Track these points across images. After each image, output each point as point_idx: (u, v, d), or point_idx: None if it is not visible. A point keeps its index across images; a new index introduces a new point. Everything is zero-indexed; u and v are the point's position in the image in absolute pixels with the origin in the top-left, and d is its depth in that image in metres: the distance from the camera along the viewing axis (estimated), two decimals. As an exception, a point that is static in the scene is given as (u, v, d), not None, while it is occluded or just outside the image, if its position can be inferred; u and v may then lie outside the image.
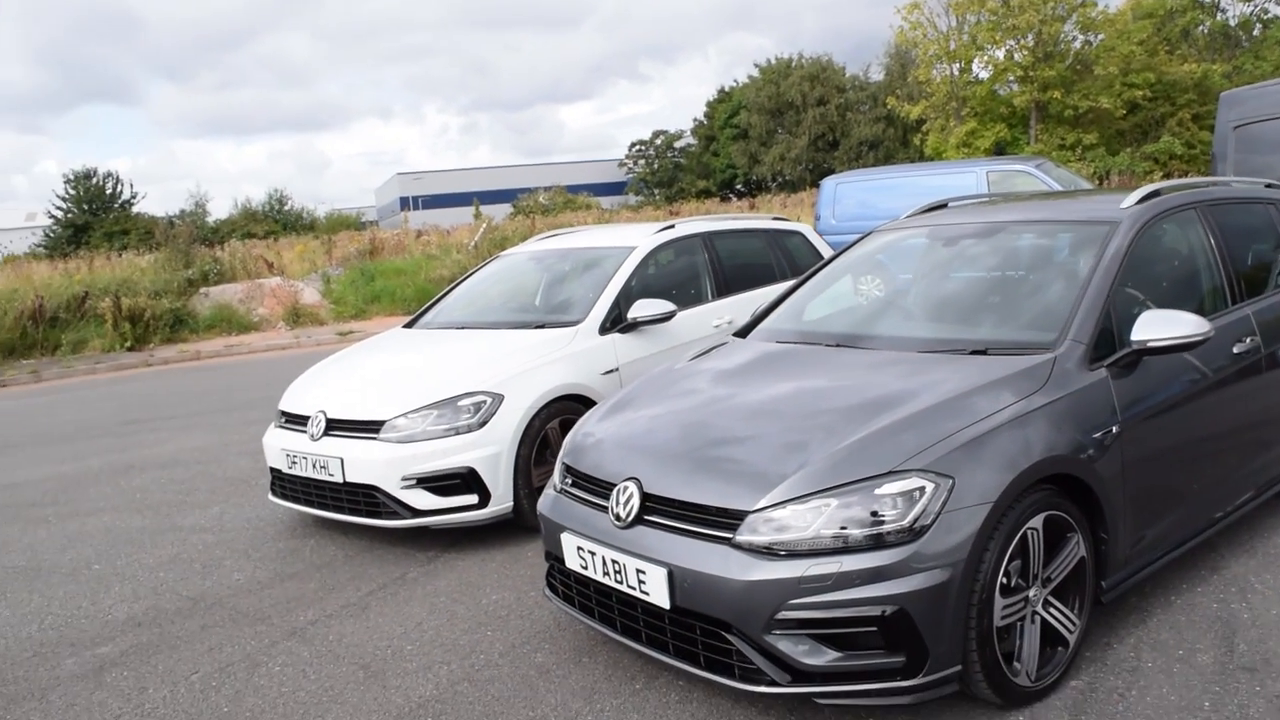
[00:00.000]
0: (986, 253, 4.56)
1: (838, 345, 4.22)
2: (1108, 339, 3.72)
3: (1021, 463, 3.18)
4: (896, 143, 53.62)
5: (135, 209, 56.59)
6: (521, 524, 5.38)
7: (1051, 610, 3.38)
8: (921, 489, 3.03)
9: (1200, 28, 39.82)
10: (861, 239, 5.20)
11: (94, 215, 54.97)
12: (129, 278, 19.60)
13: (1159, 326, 3.62)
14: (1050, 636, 3.40)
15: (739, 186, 62.44)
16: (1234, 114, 11.90)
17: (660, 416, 3.90)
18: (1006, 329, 3.98)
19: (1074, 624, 3.46)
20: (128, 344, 17.11)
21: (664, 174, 67.46)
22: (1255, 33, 40.04)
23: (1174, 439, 3.89)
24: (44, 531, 6.46)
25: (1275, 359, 4.41)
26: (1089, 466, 3.42)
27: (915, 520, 2.99)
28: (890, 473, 3.06)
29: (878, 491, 3.04)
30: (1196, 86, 35.26)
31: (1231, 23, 40.64)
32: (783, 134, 58.09)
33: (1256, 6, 39.25)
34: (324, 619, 4.62)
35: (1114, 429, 3.52)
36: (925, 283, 4.80)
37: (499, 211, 46.73)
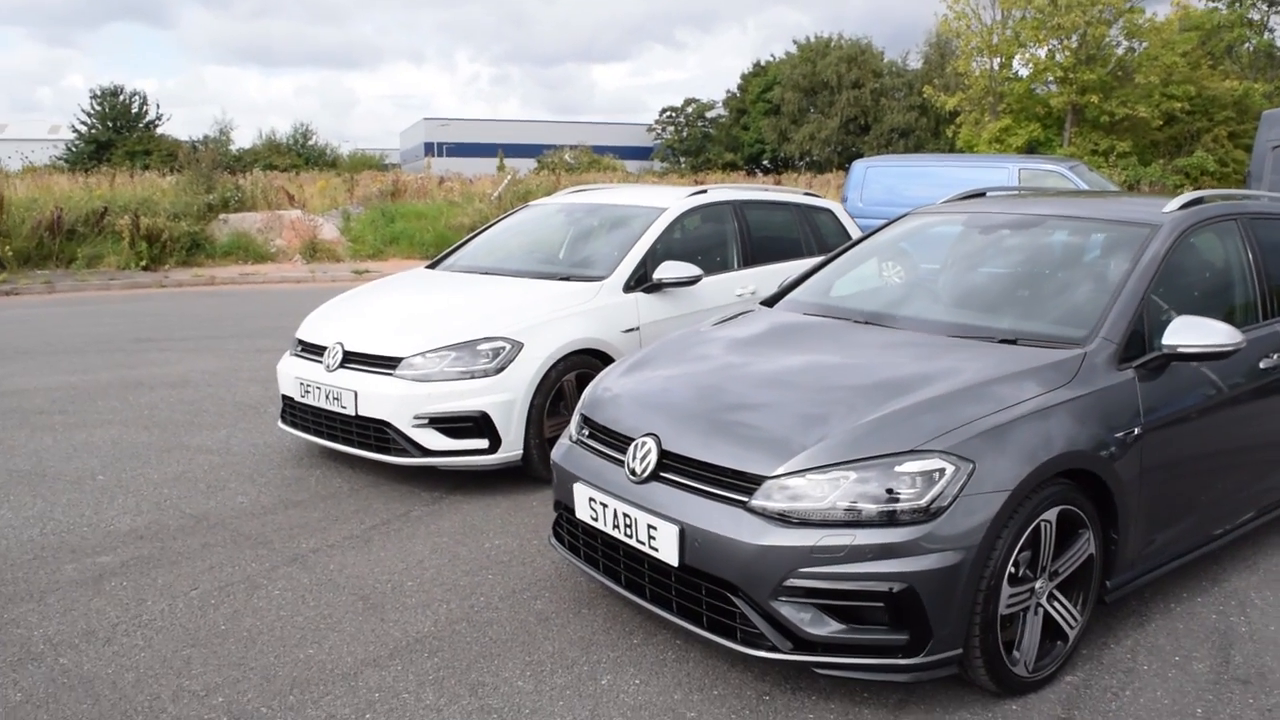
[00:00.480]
0: (1022, 245, 4.52)
1: (865, 323, 4.20)
2: (1138, 341, 3.69)
3: (1042, 454, 3.16)
4: (928, 133, 53.23)
5: (159, 130, 56.38)
6: (530, 473, 5.39)
7: (1055, 604, 3.37)
8: (942, 470, 3.02)
9: (1246, 45, 39.35)
10: (897, 219, 5.16)
11: (117, 133, 54.73)
12: (149, 197, 19.54)
13: (1192, 333, 3.59)
14: (1051, 630, 3.39)
15: (765, 162, 62.09)
16: (1275, 134, 11.80)
17: (686, 377, 3.88)
18: (1038, 321, 3.94)
19: (1075, 619, 3.45)
20: (143, 263, 17.09)
21: (692, 143, 67.07)
22: (1301, 52, 39.61)
23: (1192, 448, 3.87)
24: (50, 439, 6.49)
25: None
26: (1108, 465, 3.40)
27: (933, 501, 2.98)
28: (912, 451, 3.05)
29: (898, 469, 3.02)
30: (1236, 104, 34.90)
31: (1278, 43, 40.17)
32: (815, 114, 57.67)
33: None
34: (326, 548, 4.63)
35: (1136, 430, 3.50)
36: (958, 269, 4.76)
37: (523, 166, 46.56)
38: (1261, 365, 4.17)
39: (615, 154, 55.24)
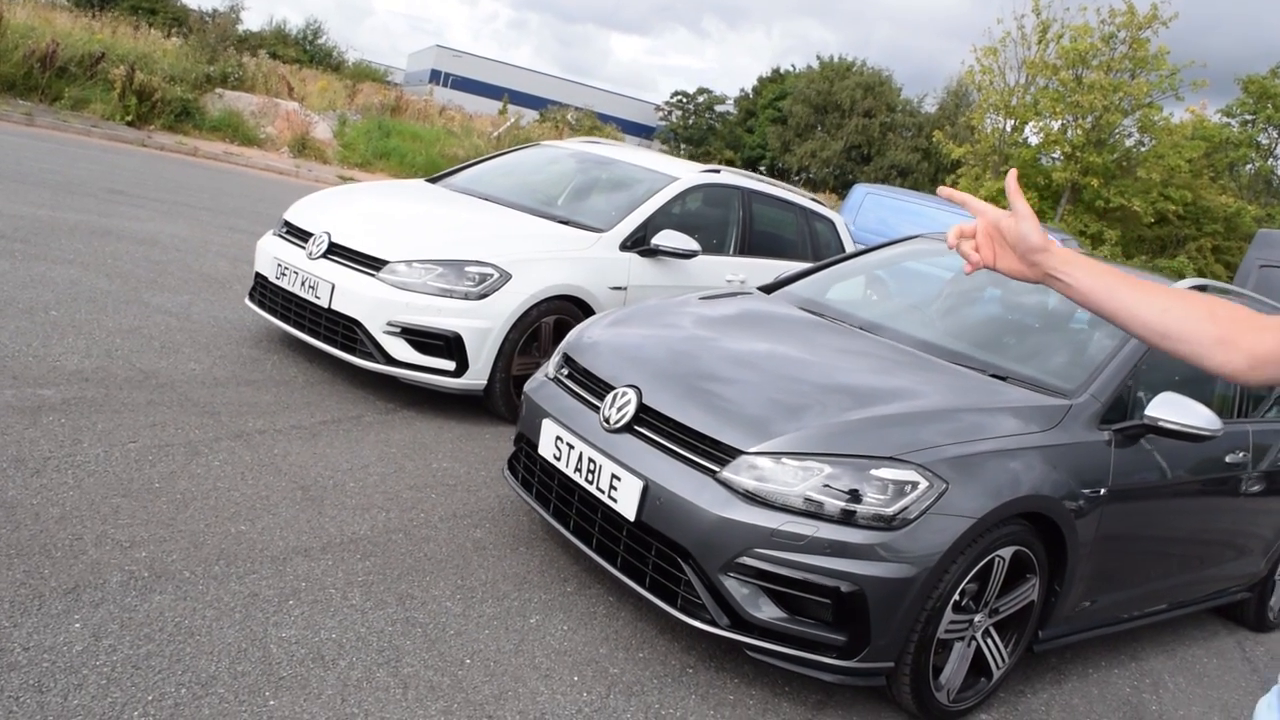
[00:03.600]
0: (1031, 289, 4.54)
1: (861, 329, 4.18)
2: (1120, 406, 3.72)
3: (1010, 491, 3.16)
4: (926, 177, 53.48)
5: (170, -8, 55.03)
6: (489, 405, 5.32)
7: (989, 640, 3.39)
8: (915, 483, 3.01)
9: (1249, 166, 40.01)
10: (906, 239, 5.15)
11: (128, -16, 53.37)
12: (149, 53, 19.02)
13: (1174, 409, 3.61)
14: (979, 665, 3.41)
15: (762, 168, 62.12)
16: (1265, 254, 11.99)
17: (678, 340, 3.85)
18: (1032, 365, 3.95)
19: (1004, 660, 3.47)
20: (129, 119, 16.64)
21: (696, 132, 66.85)
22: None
23: (1146, 521, 3.92)
24: (7, 264, 6.29)
25: (1255, 482, 4.44)
26: (1070, 517, 3.41)
27: (899, 511, 2.97)
28: (891, 458, 3.04)
29: (873, 472, 3.01)
30: (1227, 220, 35.44)
31: (1279, 171, 40.89)
32: (821, 132, 57.75)
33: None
34: (272, 431, 4.54)
35: (1103, 490, 3.52)
36: (961, 300, 4.76)
37: (526, 115, 46.15)
38: (1228, 460, 4.23)
39: (619, 126, 54.95)
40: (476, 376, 5.16)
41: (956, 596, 3.15)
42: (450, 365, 5.12)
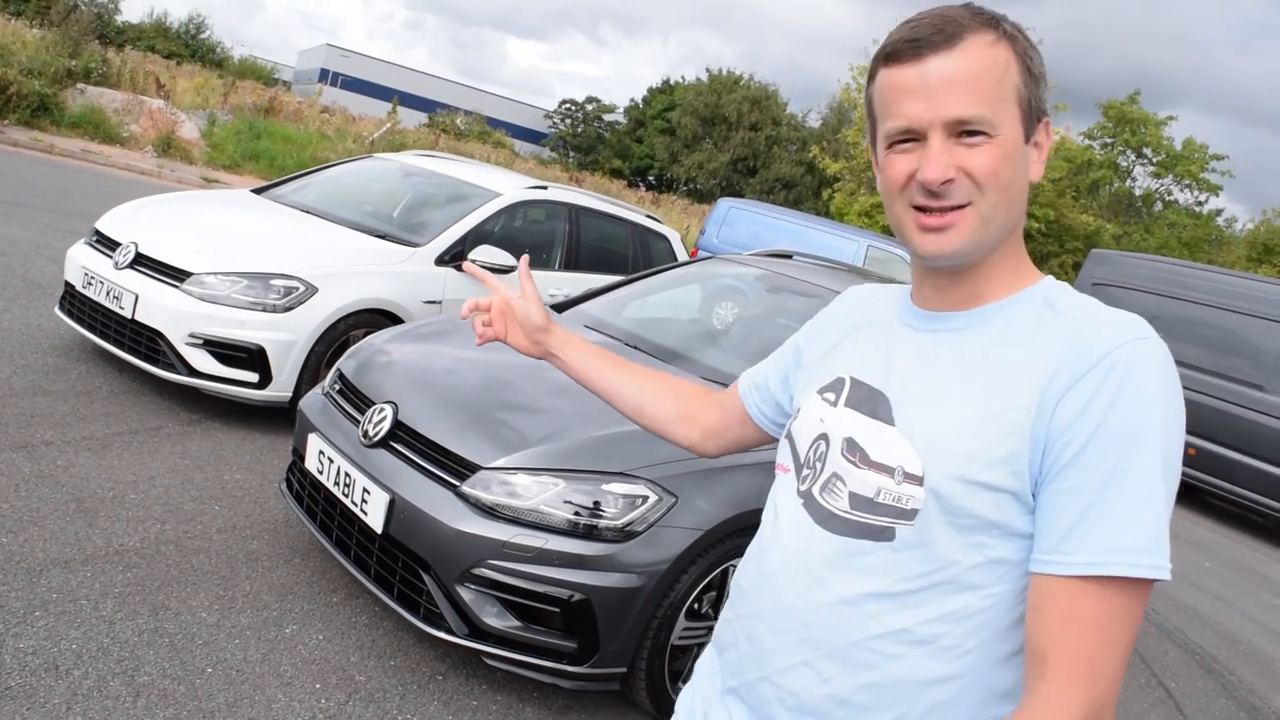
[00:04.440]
0: (798, 310, 4.78)
1: (634, 347, 4.37)
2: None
3: (741, 504, 3.35)
4: (810, 190, 54.60)
5: (43, -21, 52.99)
6: (294, 417, 5.37)
7: (731, 646, 3.59)
8: (645, 497, 3.19)
9: (1109, 186, 41.88)
10: (701, 260, 5.38)
11: (-5, -31, 51.24)
12: (7, 45, 18.39)
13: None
14: (722, 669, 3.60)
15: (651, 178, 62.64)
16: (1098, 272, 12.60)
17: (443, 356, 3.98)
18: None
19: (748, 665, 3.67)
20: (-20, 112, 16.11)
21: (585, 141, 67.10)
22: (1156, 208, 42.38)
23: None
24: None
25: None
26: (809, 530, 3.63)
27: (628, 524, 3.15)
28: (622, 474, 3.22)
29: (604, 487, 3.18)
30: (1088, 239, 37.08)
31: (1137, 192, 42.88)
32: (708, 144, 58.56)
33: (1163, 185, 41.51)
34: (60, 443, 4.52)
35: (843, 504, 3.75)
36: (735, 318, 5.00)
37: (415, 118, 45.67)
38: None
39: (509, 131, 54.83)
40: (280, 389, 5.21)
41: (695, 605, 3.34)
42: (254, 377, 5.15)
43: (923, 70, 1.23)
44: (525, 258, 1.87)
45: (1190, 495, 10.72)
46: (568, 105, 69.14)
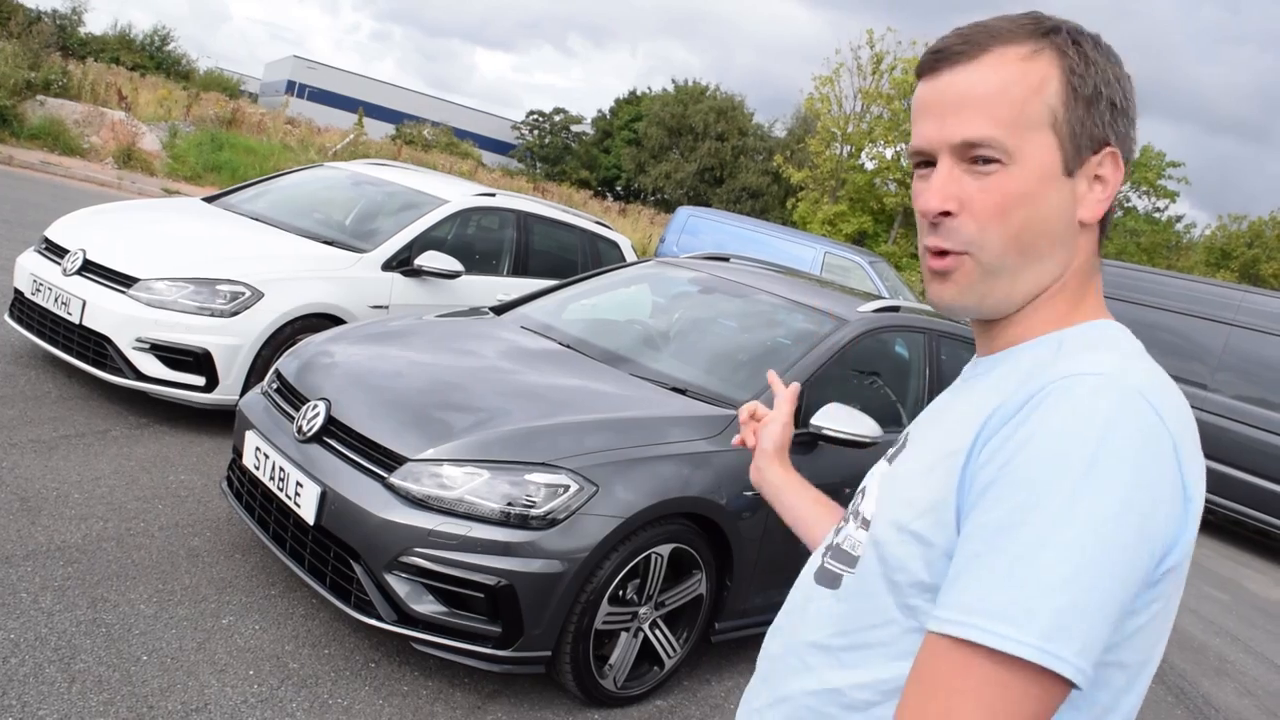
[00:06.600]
0: (731, 310, 4.95)
1: (568, 347, 4.51)
2: (794, 417, 4.11)
3: (663, 493, 3.50)
4: (776, 199, 54.98)
5: (6, -10, 52.53)
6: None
7: (657, 631, 3.72)
8: (566, 486, 3.32)
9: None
10: (635, 263, 5.53)
11: (-43, -19, 50.75)
12: (-35, 56, 18.34)
13: (839, 418, 4.01)
14: (649, 654, 3.74)
15: (618, 189, 62.86)
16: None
17: (383, 355, 4.10)
18: (712, 378, 4.34)
19: (675, 650, 3.81)
20: (-63, 124, 16.05)
21: (552, 151, 67.20)
22: (1115, 215, 43.11)
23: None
24: None
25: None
26: (733, 520, 3.77)
27: (550, 512, 3.28)
28: (544, 464, 3.35)
29: (527, 477, 3.32)
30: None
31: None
32: (675, 154, 58.86)
33: (1121, 192, 42.21)
34: (6, 445, 4.60)
35: (766, 494, 3.90)
36: (668, 318, 5.15)
37: (382, 129, 45.66)
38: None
39: (477, 142, 54.85)
40: (227, 393, 5.30)
41: (616, 590, 3.48)
42: (200, 381, 5.25)
43: (938, 85, 1.11)
44: (795, 385, 1.77)
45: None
46: (535, 116, 69.25)
